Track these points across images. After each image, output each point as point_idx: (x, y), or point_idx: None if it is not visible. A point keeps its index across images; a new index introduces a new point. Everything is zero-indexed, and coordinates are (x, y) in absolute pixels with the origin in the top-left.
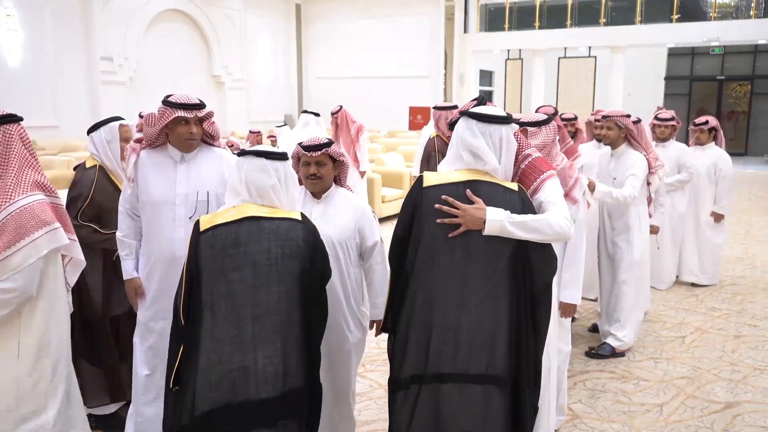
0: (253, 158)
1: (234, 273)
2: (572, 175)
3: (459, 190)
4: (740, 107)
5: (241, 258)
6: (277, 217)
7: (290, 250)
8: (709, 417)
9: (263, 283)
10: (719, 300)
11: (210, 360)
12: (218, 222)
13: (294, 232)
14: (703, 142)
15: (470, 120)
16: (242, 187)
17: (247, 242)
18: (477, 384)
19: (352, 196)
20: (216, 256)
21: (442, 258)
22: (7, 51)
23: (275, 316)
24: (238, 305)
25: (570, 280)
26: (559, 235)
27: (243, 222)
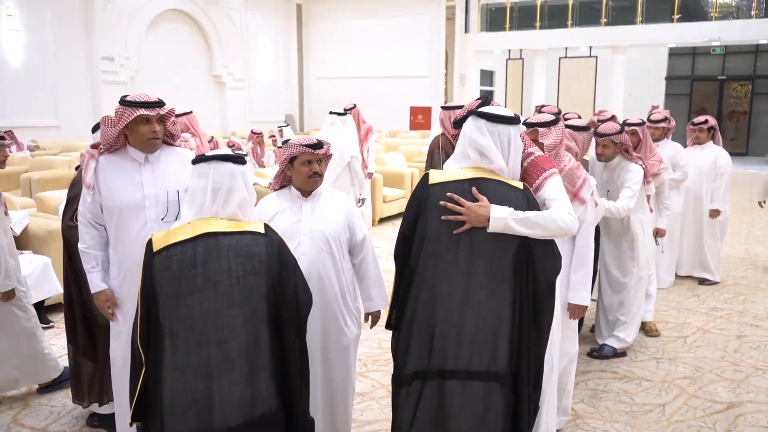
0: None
1: (193, 296)
2: (580, 176)
3: (464, 187)
4: (741, 107)
5: (200, 279)
6: (237, 231)
7: (252, 266)
8: (711, 417)
9: (225, 305)
10: (721, 300)
11: (173, 390)
12: (172, 241)
13: (256, 247)
14: (702, 141)
15: (479, 119)
16: (207, 196)
17: (205, 261)
18: (479, 381)
19: (336, 193)
20: (173, 278)
21: (447, 255)
22: (8, 51)
23: (240, 338)
24: (199, 330)
25: (579, 282)
26: (562, 230)
27: (200, 239)
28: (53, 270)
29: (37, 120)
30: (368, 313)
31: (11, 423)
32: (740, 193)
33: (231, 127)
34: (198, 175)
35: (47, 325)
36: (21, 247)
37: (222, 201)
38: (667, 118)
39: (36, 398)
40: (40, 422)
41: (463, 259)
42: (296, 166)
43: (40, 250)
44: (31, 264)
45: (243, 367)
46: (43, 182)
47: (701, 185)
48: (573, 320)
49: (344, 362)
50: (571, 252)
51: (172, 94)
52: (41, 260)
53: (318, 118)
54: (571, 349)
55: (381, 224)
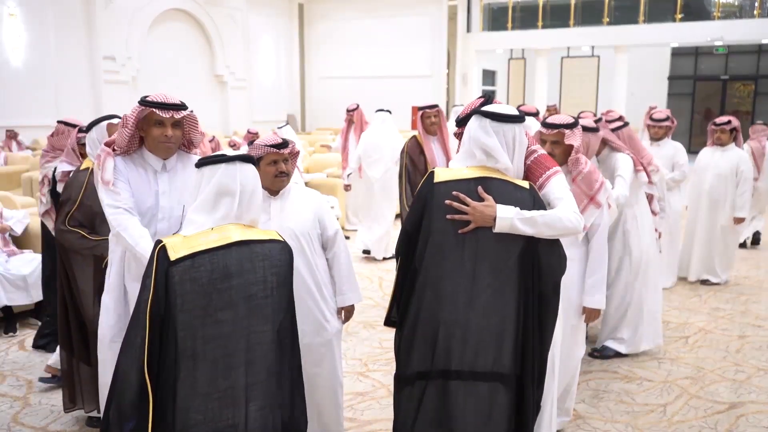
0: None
1: (225, 311)
2: (597, 179)
3: (470, 186)
4: (744, 107)
5: (234, 293)
6: (266, 240)
7: (282, 277)
8: (712, 417)
9: (259, 321)
10: (723, 300)
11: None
12: (198, 249)
13: (283, 256)
14: (724, 142)
15: (483, 119)
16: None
17: (240, 273)
18: (483, 381)
19: (305, 189)
20: (202, 292)
21: (452, 254)
22: (10, 50)
23: (269, 357)
24: (230, 351)
25: (594, 285)
26: (568, 230)
27: (231, 248)
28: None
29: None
30: (341, 308)
31: (11, 422)
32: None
33: (232, 126)
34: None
35: None
36: (21, 247)
37: (247, 205)
38: (669, 117)
39: (36, 397)
40: (40, 421)
41: (468, 259)
42: (262, 167)
43: (40, 249)
44: (31, 263)
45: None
46: None
47: (719, 189)
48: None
49: (329, 358)
50: (585, 255)
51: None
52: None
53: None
54: (578, 351)
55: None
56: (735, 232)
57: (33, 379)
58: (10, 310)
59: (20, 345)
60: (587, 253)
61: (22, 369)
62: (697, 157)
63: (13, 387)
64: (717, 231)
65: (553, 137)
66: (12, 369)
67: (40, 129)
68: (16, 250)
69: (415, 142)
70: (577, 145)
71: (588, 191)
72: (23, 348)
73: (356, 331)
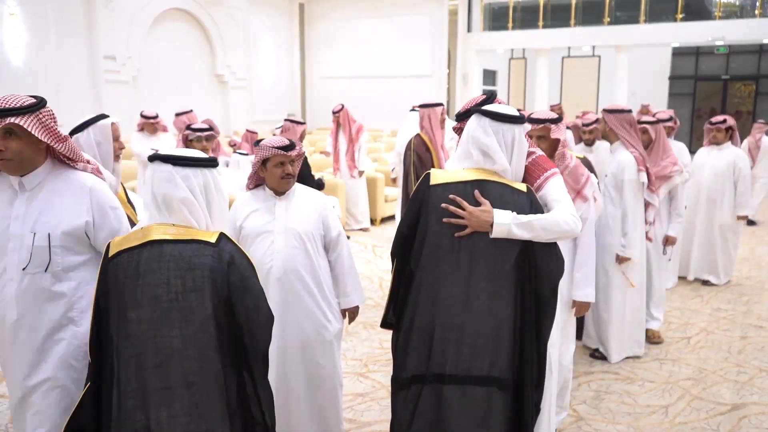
0: (159, 164)
1: (133, 311)
2: (583, 173)
3: (467, 189)
4: (745, 107)
5: (140, 292)
6: (183, 240)
7: (193, 281)
8: (715, 419)
9: (164, 324)
10: (724, 301)
11: (119, 416)
12: (124, 246)
13: (199, 258)
14: (720, 141)
15: (483, 118)
16: (151, 200)
17: (146, 272)
18: (479, 385)
19: (310, 190)
20: (118, 289)
21: (448, 257)
22: (10, 50)
23: (180, 364)
24: (138, 351)
25: (583, 279)
26: (566, 233)
27: (145, 247)
28: None
29: None
30: (344, 309)
31: (9, 424)
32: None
33: (233, 126)
34: (147, 176)
35: None
36: None
37: (165, 208)
38: (672, 117)
39: None
40: None
41: (464, 262)
42: (269, 168)
43: None
44: None
45: (184, 399)
46: None
47: (716, 188)
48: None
49: (329, 358)
50: (573, 249)
51: (173, 93)
52: None
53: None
54: (570, 346)
55: (382, 224)
56: (735, 232)
57: None
58: None
59: None
60: (575, 248)
61: None
62: (694, 157)
63: None
64: (716, 230)
65: (538, 132)
66: None
67: None
68: None
69: (421, 140)
70: (563, 139)
71: (575, 185)
72: None
73: (356, 332)
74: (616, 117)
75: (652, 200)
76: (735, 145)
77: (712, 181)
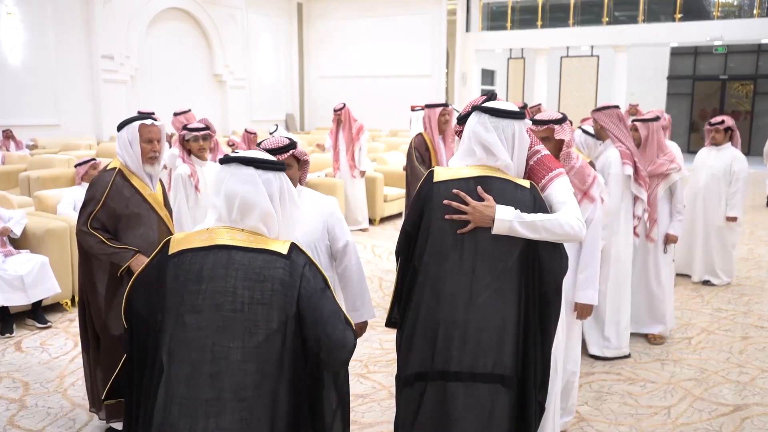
0: (239, 166)
1: (191, 315)
2: (590, 173)
3: (470, 185)
4: (743, 107)
5: (201, 298)
6: (254, 248)
7: (261, 293)
8: (717, 420)
9: (225, 334)
10: (725, 301)
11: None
12: (187, 246)
13: (270, 270)
14: (719, 142)
15: (483, 114)
16: (221, 202)
17: (212, 278)
18: (483, 383)
19: (318, 196)
20: (177, 289)
21: (451, 254)
22: (8, 49)
23: (239, 377)
24: (193, 358)
25: (586, 281)
26: (569, 236)
27: (211, 251)
28: (51, 269)
29: (36, 119)
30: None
31: (7, 425)
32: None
33: (232, 126)
34: (217, 178)
35: (44, 325)
36: (18, 247)
37: (239, 212)
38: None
39: (32, 400)
40: (36, 424)
41: (467, 259)
42: None
43: (37, 249)
44: (28, 263)
45: (235, 413)
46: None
47: (713, 188)
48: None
49: None
50: (577, 250)
51: (172, 93)
52: (39, 259)
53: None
54: (576, 348)
55: (382, 223)
56: (732, 233)
57: (29, 381)
58: (7, 310)
59: (17, 346)
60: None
61: (18, 371)
62: (695, 158)
63: (9, 389)
64: (713, 231)
65: (543, 134)
66: (8, 371)
67: (39, 128)
68: (13, 251)
69: (422, 139)
70: (567, 140)
71: (581, 186)
72: (20, 349)
73: None
74: (604, 113)
75: (640, 194)
76: (735, 146)
77: (709, 182)
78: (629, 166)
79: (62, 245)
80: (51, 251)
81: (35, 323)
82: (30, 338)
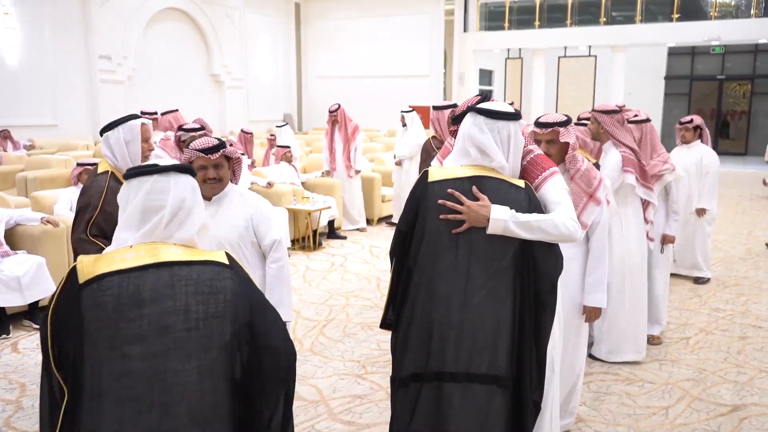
0: (181, 176)
1: (133, 346)
2: (595, 176)
3: (464, 185)
4: (740, 107)
5: (146, 323)
6: (197, 261)
7: (216, 306)
8: (715, 420)
9: (178, 357)
10: (723, 301)
11: None
12: (107, 269)
13: (220, 282)
14: (689, 140)
15: (477, 116)
16: (163, 215)
17: (155, 299)
18: (478, 383)
19: (247, 195)
20: (106, 320)
21: (446, 254)
22: (5, 49)
23: (194, 400)
24: (139, 391)
25: (595, 284)
26: (564, 237)
27: (148, 270)
28: (47, 270)
29: (33, 119)
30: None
31: (3, 426)
32: (740, 192)
33: (229, 126)
34: (150, 190)
35: None
36: (15, 247)
37: (179, 222)
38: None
39: (29, 401)
40: (33, 425)
41: (462, 259)
42: None
43: (34, 249)
44: (25, 264)
45: None
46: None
47: (689, 185)
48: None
49: None
50: (585, 253)
51: (170, 93)
52: (35, 260)
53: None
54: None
55: (379, 223)
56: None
57: (26, 382)
58: (4, 311)
59: (13, 347)
60: (587, 251)
61: (14, 372)
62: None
63: (6, 390)
64: (691, 226)
65: (547, 136)
66: (4, 372)
67: (36, 128)
68: (9, 251)
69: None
70: (572, 143)
71: (587, 189)
72: (16, 350)
73: (354, 333)
74: (610, 118)
75: (650, 198)
76: (705, 143)
77: (685, 180)
78: (631, 174)
79: (59, 246)
80: (48, 252)
81: (32, 324)
82: (26, 339)
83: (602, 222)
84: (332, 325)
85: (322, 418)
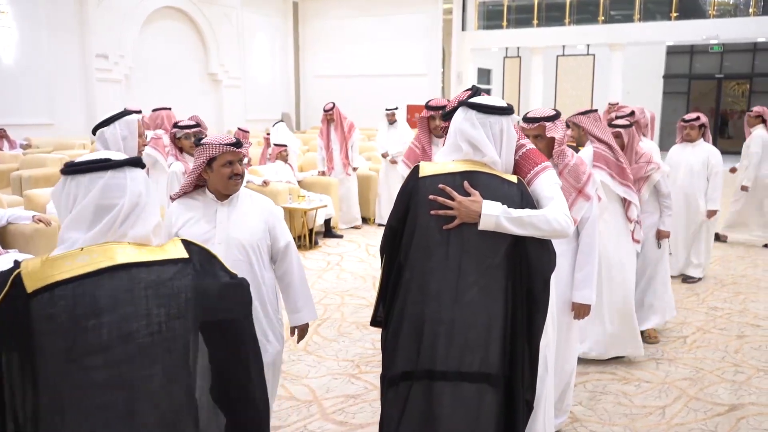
0: (134, 170)
1: (95, 356)
2: (585, 171)
3: (456, 180)
4: (739, 106)
5: (106, 332)
6: (156, 261)
7: (177, 308)
8: (712, 420)
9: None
10: (721, 299)
11: None
12: (58, 278)
13: (180, 280)
14: (693, 138)
15: (470, 110)
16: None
17: (114, 306)
18: (470, 382)
19: (256, 196)
20: (61, 332)
21: (437, 250)
22: (1, 48)
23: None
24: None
25: (583, 280)
26: (557, 232)
27: (103, 274)
28: None
29: (30, 118)
30: (294, 327)
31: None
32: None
33: (227, 125)
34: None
35: None
36: (7, 246)
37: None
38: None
39: None
40: None
41: (453, 255)
42: (216, 168)
43: (26, 248)
44: None
45: None
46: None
47: (692, 184)
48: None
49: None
50: (575, 249)
51: (167, 92)
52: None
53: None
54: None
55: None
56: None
57: None
58: None
59: None
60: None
61: None
62: (668, 155)
63: None
64: (695, 226)
65: (534, 131)
66: None
67: (32, 127)
68: (1, 250)
69: None
70: (559, 138)
71: (576, 184)
72: None
73: (349, 332)
74: (587, 117)
75: (630, 197)
76: (707, 142)
77: (688, 179)
78: (601, 170)
79: (51, 244)
80: (40, 251)
81: None
82: None
83: (592, 218)
84: (327, 324)
85: (314, 418)
